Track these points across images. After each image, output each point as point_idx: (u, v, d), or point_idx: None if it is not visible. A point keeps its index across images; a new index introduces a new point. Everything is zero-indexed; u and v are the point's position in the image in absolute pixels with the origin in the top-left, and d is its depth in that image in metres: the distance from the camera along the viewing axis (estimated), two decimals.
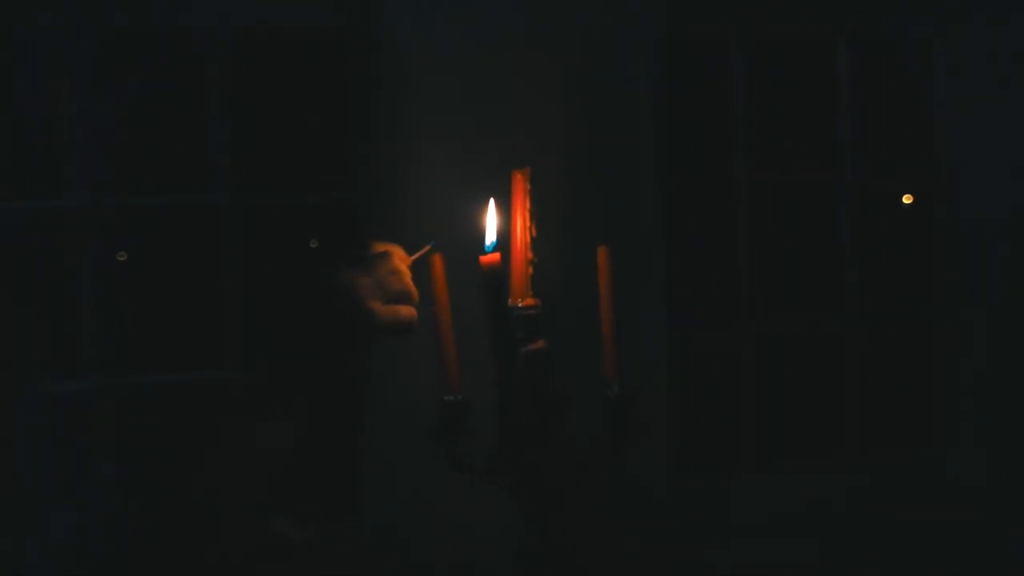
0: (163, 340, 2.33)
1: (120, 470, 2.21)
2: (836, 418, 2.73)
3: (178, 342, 2.34)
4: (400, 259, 1.28)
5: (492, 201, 1.26)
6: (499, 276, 1.22)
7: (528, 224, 1.22)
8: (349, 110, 2.33)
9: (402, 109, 2.19)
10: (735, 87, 2.65)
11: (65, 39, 2.20)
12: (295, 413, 1.30)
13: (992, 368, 2.71)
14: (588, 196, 2.25)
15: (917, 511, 2.62)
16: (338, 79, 2.33)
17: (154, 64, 2.30)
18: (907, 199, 2.81)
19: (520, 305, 1.24)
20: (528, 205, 1.22)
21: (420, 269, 1.29)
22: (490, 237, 1.25)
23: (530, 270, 1.23)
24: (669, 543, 2.37)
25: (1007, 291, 2.69)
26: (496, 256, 1.22)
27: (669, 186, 2.44)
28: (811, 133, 2.76)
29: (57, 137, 2.21)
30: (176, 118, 2.33)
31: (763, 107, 2.67)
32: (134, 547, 1.33)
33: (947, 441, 2.75)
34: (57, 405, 2.20)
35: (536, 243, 1.24)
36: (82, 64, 2.21)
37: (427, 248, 1.31)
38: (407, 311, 1.27)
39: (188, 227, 2.34)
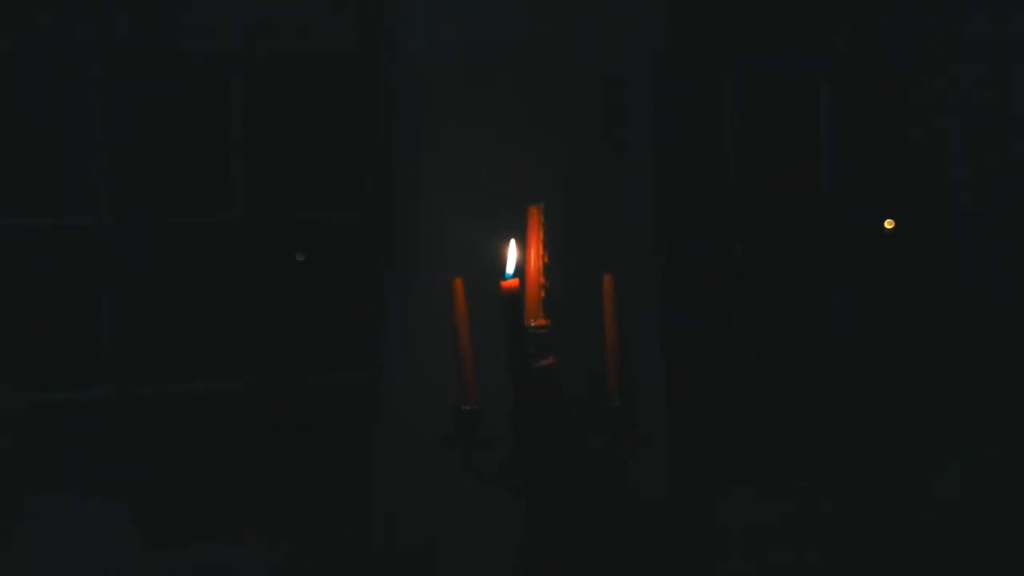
0: (175, 350, 2.43)
1: (132, 473, 2.34)
2: (829, 428, 2.85)
3: (191, 352, 2.44)
4: None
5: (513, 241, 1.44)
6: (518, 299, 1.39)
7: (541, 253, 1.40)
8: (365, 134, 2.45)
9: (417, 132, 2.29)
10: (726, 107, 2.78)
11: (93, 62, 2.32)
12: (305, 421, 1.48)
13: (990, 368, 2.81)
14: (586, 213, 2.34)
15: (904, 518, 2.73)
16: (356, 104, 2.46)
17: (176, 90, 2.42)
18: (888, 224, 2.95)
19: (533, 325, 1.42)
20: (542, 236, 1.40)
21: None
22: (510, 267, 1.42)
23: (542, 293, 1.41)
24: (668, 543, 2.47)
25: (1007, 292, 2.79)
26: (515, 282, 1.39)
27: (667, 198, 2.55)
28: (804, 137, 2.87)
29: (79, 157, 2.34)
30: (196, 141, 2.44)
31: (752, 112, 2.79)
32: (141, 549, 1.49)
33: (941, 445, 2.86)
34: (70, 412, 2.33)
35: (545, 267, 1.42)
36: (109, 87, 2.33)
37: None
38: None
39: (207, 247, 2.45)
